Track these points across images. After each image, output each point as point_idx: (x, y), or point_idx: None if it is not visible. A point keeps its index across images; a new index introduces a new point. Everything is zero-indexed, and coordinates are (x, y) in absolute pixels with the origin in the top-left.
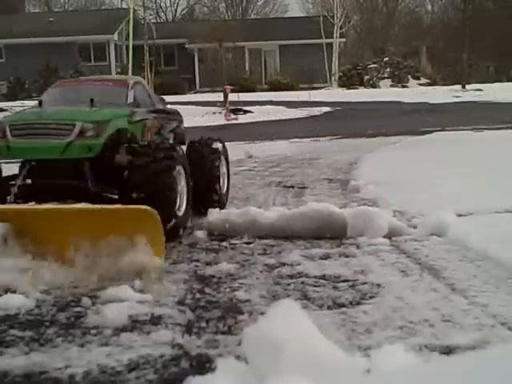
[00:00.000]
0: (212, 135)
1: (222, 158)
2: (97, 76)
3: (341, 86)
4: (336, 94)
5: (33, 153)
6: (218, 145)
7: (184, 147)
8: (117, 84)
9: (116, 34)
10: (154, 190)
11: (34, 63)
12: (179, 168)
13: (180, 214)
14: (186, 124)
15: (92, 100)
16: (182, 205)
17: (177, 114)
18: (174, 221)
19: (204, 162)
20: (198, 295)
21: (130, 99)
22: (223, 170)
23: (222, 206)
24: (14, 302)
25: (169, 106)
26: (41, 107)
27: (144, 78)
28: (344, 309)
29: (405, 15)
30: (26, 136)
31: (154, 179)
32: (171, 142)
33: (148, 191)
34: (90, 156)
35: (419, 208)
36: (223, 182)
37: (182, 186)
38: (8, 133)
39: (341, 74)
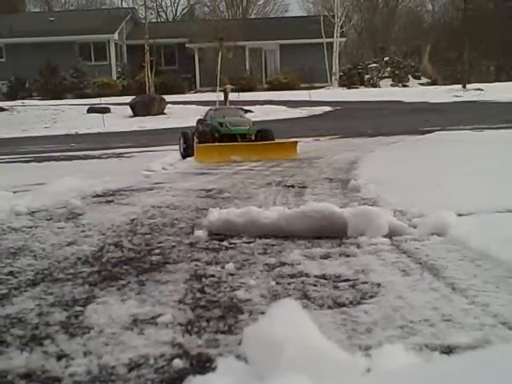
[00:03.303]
0: None
1: None
2: (227, 106)
3: (341, 85)
4: (336, 93)
5: (238, 131)
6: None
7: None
8: (237, 109)
9: (116, 33)
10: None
11: (34, 62)
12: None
13: None
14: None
15: (241, 115)
16: None
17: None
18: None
19: None
20: (198, 295)
21: (244, 114)
22: None
23: None
24: None
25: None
26: (224, 117)
27: (144, 77)
28: (344, 308)
29: (405, 15)
30: (234, 125)
31: (268, 138)
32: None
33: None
34: (254, 132)
35: (420, 207)
36: None
37: None
38: (228, 124)
39: (341, 74)
